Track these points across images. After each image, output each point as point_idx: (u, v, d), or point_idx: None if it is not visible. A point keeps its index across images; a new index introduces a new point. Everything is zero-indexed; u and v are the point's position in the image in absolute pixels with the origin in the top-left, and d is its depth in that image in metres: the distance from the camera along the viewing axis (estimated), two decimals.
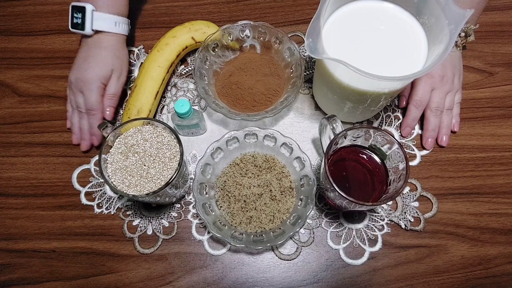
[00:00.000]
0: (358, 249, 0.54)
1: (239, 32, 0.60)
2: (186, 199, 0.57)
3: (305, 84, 0.64)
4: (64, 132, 0.62)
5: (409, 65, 0.47)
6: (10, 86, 0.66)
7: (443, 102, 0.57)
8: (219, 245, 0.55)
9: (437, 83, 0.56)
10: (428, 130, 0.58)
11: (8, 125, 0.63)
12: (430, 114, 0.57)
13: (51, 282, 0.54)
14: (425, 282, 0.52)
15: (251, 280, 0.53)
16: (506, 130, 0.60)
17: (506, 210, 0.55)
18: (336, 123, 0.49)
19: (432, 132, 0.58)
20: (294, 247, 0.54)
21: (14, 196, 0.59)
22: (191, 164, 0.59)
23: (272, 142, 0.55)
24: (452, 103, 0.58)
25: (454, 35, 0.41)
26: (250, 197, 0.54)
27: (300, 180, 0.54)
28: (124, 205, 0.57)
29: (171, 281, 0.53)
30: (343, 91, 0.49)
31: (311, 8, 0.70)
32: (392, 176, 0.48)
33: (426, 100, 0.57)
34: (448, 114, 0.58)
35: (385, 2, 0.50)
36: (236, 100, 0.58)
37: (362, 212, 0.55)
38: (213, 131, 0.61)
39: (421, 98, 0.56)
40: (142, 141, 0.49)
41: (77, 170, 0.60)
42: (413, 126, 0.59)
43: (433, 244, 0.54)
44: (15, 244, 0.56)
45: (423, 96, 0.56)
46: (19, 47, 0.69)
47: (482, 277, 0.52)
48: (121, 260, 0.54)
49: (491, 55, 0.65)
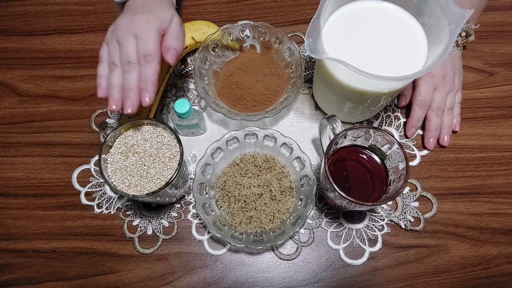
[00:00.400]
0: (358, 249, 0.54)
1: (239, 32, 0.60)
2: (186, 199, 0.57)
3: (305, 84, 0.64)
4: (64, 132, 0.62)
5: (409, 65, 0.47)
6: (10, 86, 0.66)
7: (444, 101, 0.57)
8: (219, 245, 0.55)
9: (439, 82, 0.56)
10: (430, 130, 0.57)
11: (8, 125, 0.63)
12: (432, 114, 0.57)
13: (51, 282, 0.54)
14: (425, 282, 0.52)
15: (251, 280, 0.53)
16: (506, 130, 0.60)
17: (506, 210, 0.55)
18: (336, 123, 0.49)
19: (434, 132, 0.58)
20: (294, 247, 0.54)
21: (14, 196, 0.59)
22: (191, 164, 0.59)
23: (272, 142, 0.55)
24: (453, 103, 0.58)
25: (454, 35, 0.41)
26: (250, 197, 0.54)
27: (300, 180, 0.54)
28: (124, 205, 0.57)
29: (171, 281, 0.53)
30: (343, 91, 0.49)
31: (311, 8, 0.70)
32: (392, 176, 0.48)
33: (429, 100, 0.57)
34: (449, 114, 0.58)
35: (385, 2, 0.50)
36: (236, 100, 0.58)
37: (362, 212, 0.55)
38: (213, 131, 0.61)
39: (425, 98, 0.56)
40: (142, 141, 0.49)
41: (77, 170, 0.60)
42: (418, 127, 0.58)
43: (433, 244, 0.54)
44: (15, 244, 0.56)
45: (426, 96, 0.56)
46: (19, 47, 0.69)
47: (482, 277, 0.52)
48: (121, 260, 0.54)
49: (491, 55, 0.65)
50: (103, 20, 0.71)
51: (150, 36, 0.44)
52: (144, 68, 0.44)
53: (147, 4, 0.47)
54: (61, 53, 0.68)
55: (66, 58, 0.68)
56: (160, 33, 0.45)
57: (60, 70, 0.67)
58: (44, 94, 0.65)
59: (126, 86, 0.44)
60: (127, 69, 0.44)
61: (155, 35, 0.44)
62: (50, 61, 0.68)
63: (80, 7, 0.72)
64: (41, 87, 0.66)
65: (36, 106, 0.64)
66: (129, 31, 0.44)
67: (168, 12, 0.46)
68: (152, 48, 0.44)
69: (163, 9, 0.46)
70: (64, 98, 0.65)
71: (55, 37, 0.70)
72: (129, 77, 0.44)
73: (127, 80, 0.44)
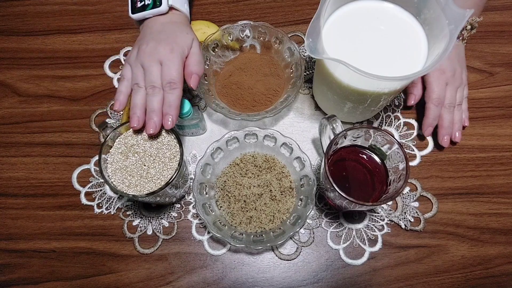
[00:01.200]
0: (358, 249, 0.54)
1: (239, 32, 0.60)
2: (186, 199, 0.57)
3: (305, 84, 0.64)
4: (64, 132, 0.62)
5: (409, 65, 0.47)
6: (10, 86, 0.66)
7: (455, 97, 0.56)
8: (219, 245, 0.55)
9: (450, 78, 0.55)
10: (444, 127, 0.56)
11: (8, 125, 0.63)
12: (444, 110, 0.56)
13: (51, 282, 0.54)
14: (425, 282, 0.52)
15: (251, 280, 0.53)
16: (506, 130, 0.60)
17: (506, 210, 0.55)
18: (336, 123, 0.49)
19: (448, 129, 0.57)
20: (294, 247, 0.54)
21: (14, 196, 0.59)
22: (191, 164, 0.59)
23: (272, 142, 0.55)
24: (462, 98, 0.57)
25: (454, 35, 0.41)
26: (250, 197, 0.54)
27: (300, 180, 0.54)
28: (124, 205, 0.57)
29: (171, 281, 0.53)
30: (343, 91, 0.49)
31: (311, 8, 0.70)
32: (392, 176, 0.48)
33: (443, 97, 0.56)
34: (459, 110, 0.57)
35: (385, 2, 0.50)
36: (236, 100, 0.58)
37: (362, 212, 0.55)
38: (213, 131, 0.61)
39: (439, 96, 0.55)
40: (142, 141, 0.49)
41: (77, 170, 0.60)
42: (434, 125, 0.57)
43: (433, 244, 0.54)
44: (15, 244, 0.56)
45: (440, 93, 0.55)
46: (19, 47, 0.69)
47: (482, 277, 0.52)
48: (121, 260, 0.54)
49: (491, 55, 0.65)
50: (103, 20, 0.71)
51: (174, 65, 0.46)
52: (168, 94, 0.46)
53: (168, 30, 0.49)
54: (61, 53, 0.68)
55: (66, 58, 0.68)
56: (183, 60, 0.48)
57: (60, 70, 0.67)
58: (44, 94, 0.65)
59: (151, 109, 0.46)
60: (151, 92, 0.46)
61: (179, 63, 0.47)
62: (50, 61, 0.68)
63: (80, 7, 0.72)
64: (41, 87, 0.66)
65: (36, 106, 0.64)
66: (154, 57, 0.47)
67: (189, 37, 0.49)
68: (176, 76, 0.46)
69: (184, 34, 0.49)
70: (64, 98, 0.65)
71: (55, 37, 0.70)
72: (153, 100, 0.46)
73: (151, 103, 0.46)
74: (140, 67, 0.47)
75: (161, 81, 0.47)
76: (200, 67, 0.49)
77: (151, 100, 0.46)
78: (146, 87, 0.47)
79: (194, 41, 0.50)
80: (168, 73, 0.46)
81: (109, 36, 0.69)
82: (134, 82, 0.47)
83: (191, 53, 0.49)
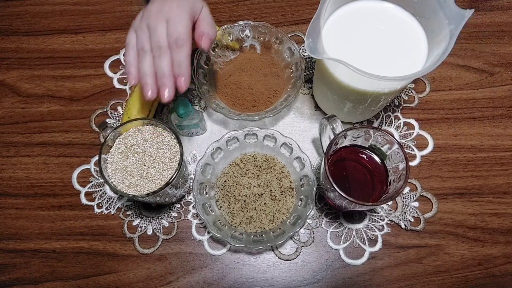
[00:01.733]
0: (358, 249, 0.54)
1: (239, 32, 0.60)
2: (186, 199, 0.57)
3: (305, 84, 0.64)
4: (64, 132, 0.62)
5: (409, 65, 0.47)
6: (10, 86, 0.66)
7: None
8: (219, 245, 0.55)
9: None
10: None
11: (8, 125, 0.63)
12: None
13: (51, 282, 0.54)
14: (425, 282, 0.52)
15: (251, 280, 0.53)
16: (506, 130, 0.60)
17: (506, 210, 0.55)
18: (336, 123, 0.49)
19: None
20: (294, 247, 0.54)
21: (14, 196, 0.59)
22: (191, 164, 0.59)
23: (272, 142, 0.55)
24: None
25: (454, 35, 0.41)
26: (250, 197, 0.54)
27: (300, 180, 0.54)
28: (124, 205, 0.57)
29: (171, 281, 0.53)
30: (343, 91, 0.49)
31: (311, 8, 0.70)
32: (392, 176, 0.48)
33: None
34: None
35: (385, 2, 0.50)
36: (236, 100, 0.59)
37: (362, 212, 0.55)
38: (213, 131, 0.61)
39: None
40: (142, 141, 0.49)
41: (77, 170, 0.60)
42: None
43: (433, 244, 0.54)
44: (15, 244, 0.56)
45: None
46: (19, 47, 0.69)
47: (482, 277, 0.52)
48: (121, 260, 0.54)
49: (491, 55, 0.65)
50: (103, 20, 0.71)
51: (182, 20, 0.42)
52: (175, 54, 0.42)
53: None
54: (61, 53, 0.68)
55: (66, 58, 0.68)
56: (191, 18, 0.43)
57: (60, 70, 0.67)
58: (44, 94, 0.65)
59: (160, 74, 0.42)
60: (158, 54, 0.42)
61: (187, 19, 0.42)
62: (50, 61, 0.68)
63: (80, 7, 0.72)
64: (41, 87, 0.66)
65: (36, 106, 0.64)
66: (160, 16, 0.42)
67: (199, 1, 0.46)
68: (184, 32, 0.42)
69: None
70: (64, 98, 0.65)
71: (55, 37, 0.70)
72: (161, 64, 0.42)
73: (160, 67, 0.42)
74: (145, 28, 0.43)
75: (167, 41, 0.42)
76: (212, 29, 0.45)
77: (159, 64, 0.42)
78: (152, 49, 0.43)
79: (205, 7, 0.46)
80: (175, 29, 0.42)
81: (109, 36, 0.69)
82: (139, 48, 0.43)
83: (201, 15, 0.45)
